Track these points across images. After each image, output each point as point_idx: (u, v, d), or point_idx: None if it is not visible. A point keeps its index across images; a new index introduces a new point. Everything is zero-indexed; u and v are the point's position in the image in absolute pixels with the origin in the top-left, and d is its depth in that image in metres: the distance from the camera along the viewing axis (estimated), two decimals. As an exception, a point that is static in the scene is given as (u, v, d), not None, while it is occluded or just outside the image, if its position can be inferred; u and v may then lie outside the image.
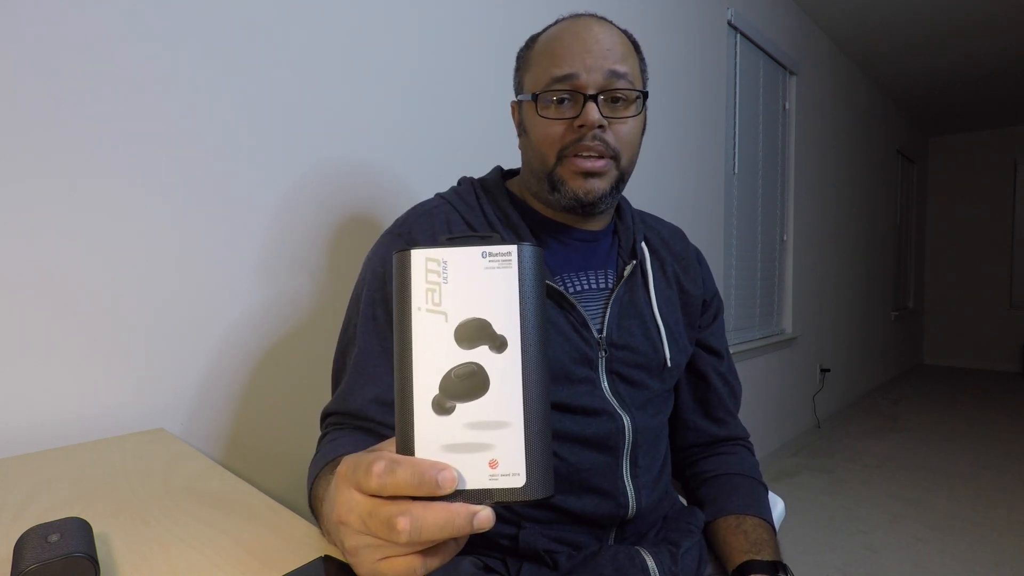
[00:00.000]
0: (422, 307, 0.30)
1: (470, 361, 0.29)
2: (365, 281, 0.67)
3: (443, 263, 0.30)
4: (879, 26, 3.34)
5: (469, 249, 0.30)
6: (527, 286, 0.30)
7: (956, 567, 1.89)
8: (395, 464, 0.28)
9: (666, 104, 2.06)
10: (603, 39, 0.64)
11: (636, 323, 0.71)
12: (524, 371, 0.29)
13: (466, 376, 0.29)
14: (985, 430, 3.48)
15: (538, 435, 0.29)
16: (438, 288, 0.30)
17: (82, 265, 0.81)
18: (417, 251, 0.30)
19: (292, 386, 1.04)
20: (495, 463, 0.29)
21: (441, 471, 0.28)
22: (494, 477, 0.29)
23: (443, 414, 0.29)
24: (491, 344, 0.29)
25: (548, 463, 0.29)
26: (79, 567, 0.38)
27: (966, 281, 5.76)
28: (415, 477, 0.28)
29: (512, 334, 0.29)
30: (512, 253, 0.30)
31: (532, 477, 0.29)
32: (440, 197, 0.73)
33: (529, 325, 0.30)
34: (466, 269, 0.30)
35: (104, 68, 0.82)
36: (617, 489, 0.67)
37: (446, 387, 0.29)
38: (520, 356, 0.29)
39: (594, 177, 0.65)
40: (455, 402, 0.29)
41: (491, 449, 0.29)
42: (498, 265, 0.30)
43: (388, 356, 0.64)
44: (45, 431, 0.77)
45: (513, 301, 0.30)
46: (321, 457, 0.56)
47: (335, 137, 1.09)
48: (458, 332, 0.29)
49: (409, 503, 0.28)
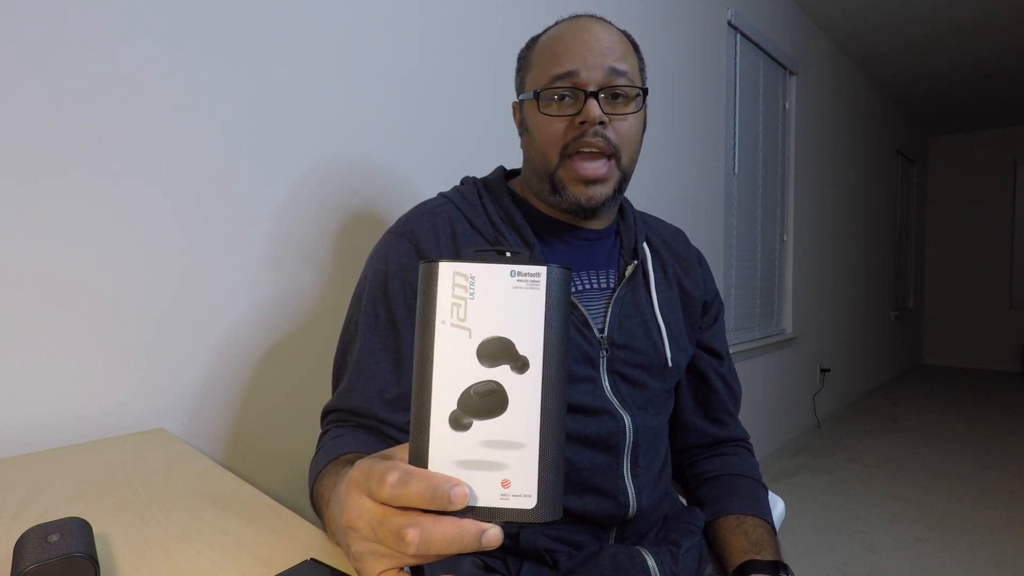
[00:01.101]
0: (446, 321, 0.30)
1: (490, 379, 0.29)
2: (367, 279, 0.68)
3: (471, 278, 0.30)
4: (879, 26, 3.34)
5: (498, 267, 0.30)
6: (553, 309, 0.30)
7: (956, 567, 1.89)
8: (409, 476, 0.28)
9: (666, 104, 2.06)
10: (603, 38, 0.65)
11: (637, 323, 0.71)
12: (544, 394, 0.29)
13: (485, 394, 0.29)
14: (985, 430, 3.48)
15: (552, 459, 0.29)
16: (464, 303, 0.30)
17: (82, 265, 0.81)
18: (445, 264, 0.30)
19: (292, 386, 1.04)
20: (507, 483, 0.29)
21: (454, 487, 0.28)
22: (505, 497, 0.29)
23: (459, 430, 0.29)
24: (513, 364, 0.29)
25: (559, 487, 0.29)
26: (79, 567, 0.38)
27: (966, 281, 5.76)
28: (428, 491, 0.28)
29: (535, 356, 0.29)
30: (541, 275, 0.30)
31: (543, 500, 0.29)
32: (443, 196, 0.73)
33: (552, 348, 0.30)
34: (493, 286, 0.30)
35: (107, 67, 0.82)
36: (618, 489, 0.67)
37: (464, 403, 0.29)
38: (541, 378, 0.29)
39: (596, 184, 0.65)
40: (472, 419, 0.29)
41: (504, 469, 0.29)
42: (526, 285, 0.30)
43: (389, 354, 0.64)
44: (45, 431, 0.77)
45: (538, 323, 0.30)
46: (324, 454, 0.56)
47: (335, 136, 1.09)
48: (481, 349, 0.29)
49: (419, 515, 0.28)
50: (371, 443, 0.59)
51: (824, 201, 3.48)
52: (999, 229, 5.55)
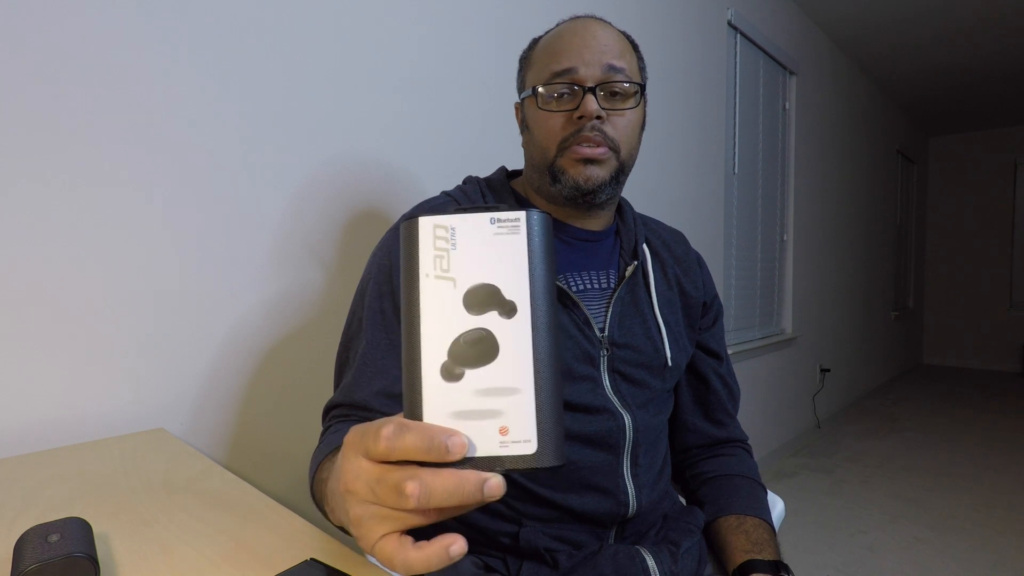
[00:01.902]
0: (430, 273, 0.29)
1: (479, 327, 0.29)
2: (371, 275, 0.68)
3: (451, 229, 0.29)
4: (879, 26, 3.34)
5: (477, 216, 0.30)
6: (536, 252, 0.29)
7: (956, 567, 1.89)
8: (404, 428, 0.28)
9: (666, 104, 2.06)
10: (600, 36, 0.67)
11: (637, 322, 0.72)
12: (534, 336, 0.29)
13: (475, 342, 0.29)
14: (985, 430, 3.48)
15: (549, 401, 0.29)
16: (446, 255, 0.29)
17: (82, 265, 0.81)
18: (425, 218, 0.30)
19: (293, 386, 1.04)
20: (505, 430, 0.28)
21: (451, 436, 0.27)
22: (504, 444, 0.28)
23: (452, 380, 0.29)
24: (500, 310, 0.29)
25: (560, 430, 0.29)
26: (79, 567, 0.38)
27: (966, 281, 5.76)
28: (424, 441, 0.27)
29: (522, 300, 0.29)
30: (521, 219, 0.30)
31: (543, 444, 0.28)
32: (446, 194, 0.74)
33: (538, 291, 0.29)
34: (475, 235, 0.29)
35: (110, 65, 0.82)
36: (618, 488, 0.67)
37: (455, 353, 0.29)
38: (530, 321, 0.29)
39: (593, 164, 0.66)
40: (464, 368, 0.29)
41: (501, 416, 0.28)
42: (507, 231, 0.30)
43: (395, 349, 0.64)
44: (45, 431, 0.77)
45: (522, 267, 0.29)
46: (325, 446, 0.56)
47: (336, 136, 1.09)
48: (467, 298, 0.29)
49: (418, 468, 0.28)
50: None
51: (824, 201, 3.48)
52: (999, 229, 5.55)
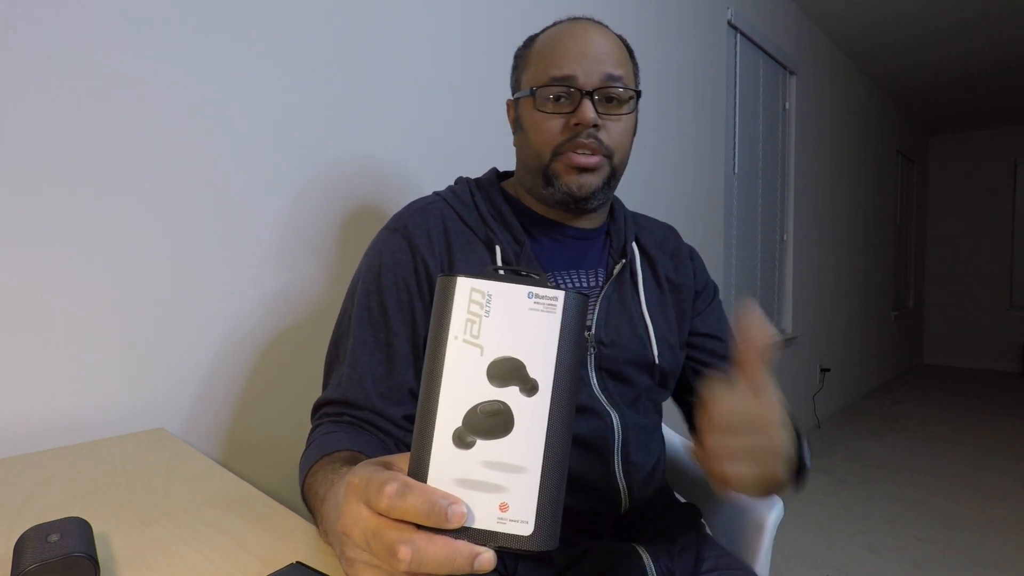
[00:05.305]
0: (459, 336, 0.29)
1: (498, 399, 0.29)
2: (361, 274, 0.69)
3: (488, 296, 0.29)
4: (879, 25, 3.34)
5: (516, 287, 0.30)
6: (568, 334, 0.29)
7: (956, 567, 1.89)
8: (407, 489, 0.28)
9: (666, 104, 2.06)
10: (600, 43, 0.67)
11: (624, 320, 0.72)
12: (550, 419, 0.29)
13: (492, 414, 0.29)
14: (985, 430, 3.47)
15: (552, 486, 0.29)
16: (479, 320, 0.29)
17: (82, 264, 0.81)
18: (463, 279, 0.29)
19: (292, 386, 1.05)
20: (505, 506, 0.28)
21: (452, 504, 0.28)
22: (502, 521, 0.28)
23: (462, 447, 0.29)
24: (522, 386, 0.29)
25: (557, 516, 0.29)
26: (79, 567, 0.38)
27: (966, 281, 5.75)
28: (425, 505, 0.28)
29: (545, 380, 0.29)
30: (559, 299, 0.30)
31: (540, 528, 0.28)
32: (436, 194, 0.75)
33: (563, 374, 0.29)
34: (510, 306, 0.29)
35: (109, 65, 0.82)
36: (609, 486, 0.67)
37: (470, 421, 0.29)
38: (549, 404, 0.29)
39: (587, 173, 0.67)
40: (476, 438, 0.29)
41: (504, 492, 0.28)
42: (543, 308, 0.30)
43: (381, 347, 0.65)
44: (45, 431, 0.78)
45: (551, 347, 0.29)
46: (316, 448, 0.56)
47: (336, 135, 1.09)
48: (491, 368, 0.29)
49: (413, 532, 0.28)
50: (363, 440, 0.59)
51: (824, 201, 3.48)
52: (999, 229, 5.54)
